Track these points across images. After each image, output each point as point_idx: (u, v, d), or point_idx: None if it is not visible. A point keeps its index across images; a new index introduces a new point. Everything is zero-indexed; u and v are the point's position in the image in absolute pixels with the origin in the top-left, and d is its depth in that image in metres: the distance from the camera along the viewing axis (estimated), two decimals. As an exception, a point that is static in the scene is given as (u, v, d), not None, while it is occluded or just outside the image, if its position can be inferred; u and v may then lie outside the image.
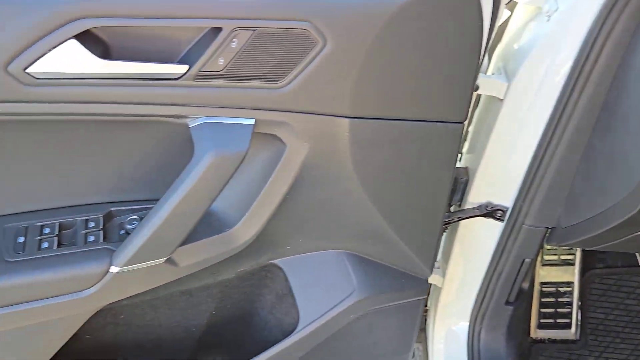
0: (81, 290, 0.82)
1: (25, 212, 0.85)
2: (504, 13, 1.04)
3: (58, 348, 0.90)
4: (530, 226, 1.10)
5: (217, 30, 0.71)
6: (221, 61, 0.72)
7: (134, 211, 0.89)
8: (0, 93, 0.67)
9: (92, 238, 0.84)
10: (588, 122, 0.95)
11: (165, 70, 0.72)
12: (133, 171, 0.85)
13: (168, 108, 0.75)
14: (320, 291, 1.05)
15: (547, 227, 1.11)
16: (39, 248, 0.81)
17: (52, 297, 0.81)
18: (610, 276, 1.51)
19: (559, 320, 1.50)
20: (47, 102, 0.70)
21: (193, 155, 0.76)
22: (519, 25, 1.06)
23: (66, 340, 0.89)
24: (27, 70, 0.67)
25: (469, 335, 1.33)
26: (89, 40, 0.68)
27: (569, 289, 1.50)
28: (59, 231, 0.84)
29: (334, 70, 0.76)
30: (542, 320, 1.50)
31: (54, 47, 0.66)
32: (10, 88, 0.67)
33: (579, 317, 1.51)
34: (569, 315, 1.50)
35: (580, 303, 1.51)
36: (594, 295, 1.52)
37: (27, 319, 0.82)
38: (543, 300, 1.50)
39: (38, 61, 0.66)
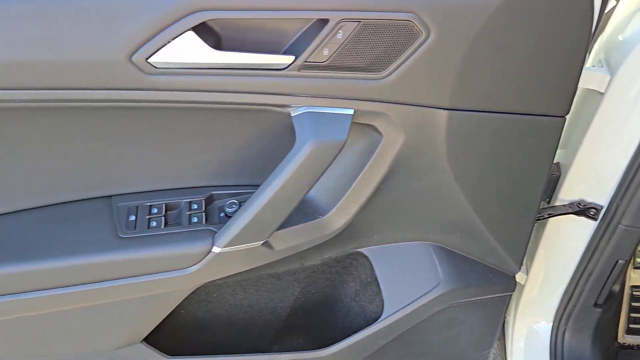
0: (185, 268, 0.87)
1: (135, 193, 0.91)
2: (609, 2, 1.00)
3: (159, 321, 0.96)
4: (626, 226, 1.05)
5: (324, 21, 0.73)
6: (326, 52, 0.74)
7: (232, 195, 0.93)
8: (125, 81, 0.72)
9: (195, 219, 0.88)
10: None
11: (272, 60, 0.75)
12: (234, 157, 0.89)
13: (273, 97, 0.78)
14: (406, 281, 1.06)
15: None
16: (149, 226, 0.87)
17: (159, 272, 0.87)
18: None
19: (649, 327, 1.43)
20: (164, 90, 0.74)
21: (294, 143, 0.79)
22: (625, 15, 1.02)
23: (167, 314, 0.95)
24: (148, 60, 0.71)
25: (552, 336, 1.30)
26: (204, 31, 0.72)
27: (663, 294, 1.43)
28: (165, 211, 0.90)
29: (436, 61, 0.77)
30: (631, 326, 1.44)
31: (174, 39, 0.70)
32: (133, 77, 0.72)
33: (672, 325, 1.43)
34: (661, 321, 1.43)
35: (674, 310, 1.43)
36: (690, 302, 1.44)
37: (136, 292, 0.88)
38: (633, 304, 1.43)
39: (159, 51, 0.71)
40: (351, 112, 0.80)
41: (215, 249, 0.86)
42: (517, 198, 0.96)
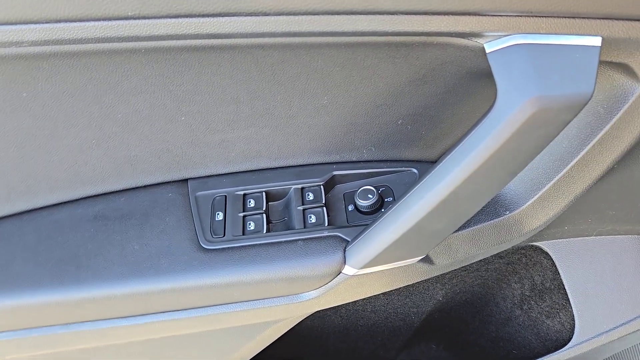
0: (298, 294, 0.58)
1: (219, 175, 0.61)
2: None
3: (260, 349, 0.69)
4: None
5: None
6: None
7: (362, 177, 0.61)
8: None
9: (312, 218, 0.57)
10: None
11: None
12: (370, 120, 0.56)
13: (450, 20, 0.43)
14: (612, 293, 0.72)
15: None
16: (244, 230, 0.57)
17: (260, 299, 0.58)
18: None
19: None
20: (265, 14, 0.42)
21: (494, 101, 0.44)
22: None
23: (270, 342, 0.67)
24: None
25: None
26: None
27: None
28: (267, 203, 0.59)
29: None
30: None
31: None
32: None
33: None
34: None
35: None
36: None
37: (226, 322, 0.60)
38: None
39: None
40: (598, 41, 0.44)
41: (348, 270, 0.55)
42: None
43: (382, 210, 0.59)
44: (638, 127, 0.50)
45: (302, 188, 0.60)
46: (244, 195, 0.60)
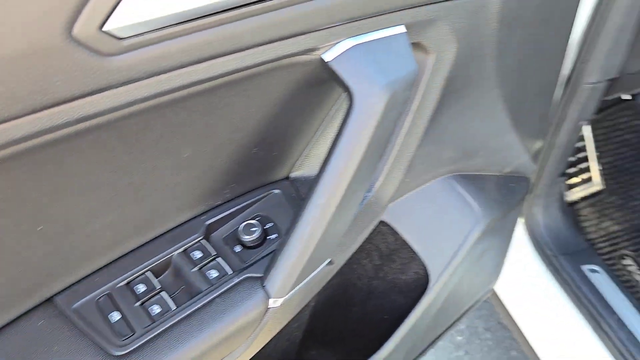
0: (233, 352, 0.55)
1: (86, 278, 0.53)
2: None
3: None
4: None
5: None
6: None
7: (233, 217, 0.61)
8: (70, 81, 0.35)
9: (214, 273, 0.55)
10: None
11: None
12: (229, 159, 0.56)
13: (293, 43, 0.47)
14: (441, 228, 0.86)
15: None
16: (151, 318, 0.51)
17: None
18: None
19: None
20: (139, 80, 0.39)
21: (351, 100, 0.50)
22: None
23: None
24: (104, 29, 0.35)
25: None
26: None
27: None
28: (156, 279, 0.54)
29: None
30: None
31: None
32: (82, 67, 0.35)
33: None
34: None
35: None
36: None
37: None
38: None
39: (116, 10, 0.35)
40: (403, 28, 0.54)
41: (274, 303, 0.55)
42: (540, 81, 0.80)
43: (269, 237, 0.60)
44: (437, 90, 0.63)
45: (185, 250, 0.57)
46: (128, 283, 0.54)
